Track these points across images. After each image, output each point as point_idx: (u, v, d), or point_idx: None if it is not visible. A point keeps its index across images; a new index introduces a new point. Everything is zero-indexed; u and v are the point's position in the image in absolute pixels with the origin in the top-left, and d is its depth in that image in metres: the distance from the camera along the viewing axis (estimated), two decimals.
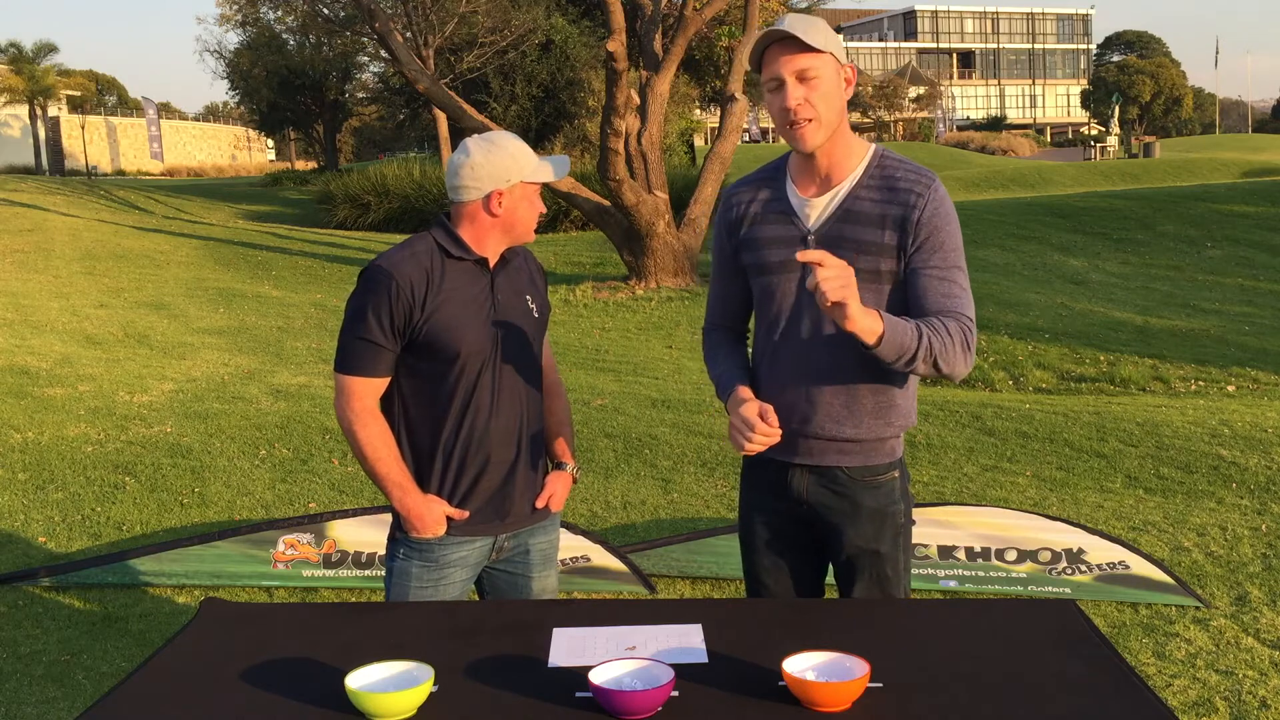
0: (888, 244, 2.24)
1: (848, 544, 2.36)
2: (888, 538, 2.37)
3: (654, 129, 13.14)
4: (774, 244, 2.34)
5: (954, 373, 2.20)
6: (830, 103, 2.22)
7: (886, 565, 2.38)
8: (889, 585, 2.38)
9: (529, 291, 2.58)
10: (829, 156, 2.29)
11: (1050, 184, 30.95)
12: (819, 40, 2.19)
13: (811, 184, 2.33)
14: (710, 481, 6.10)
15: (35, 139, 56.27)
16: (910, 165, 2.30)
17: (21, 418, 7.16)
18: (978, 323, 11.47)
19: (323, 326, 11.52)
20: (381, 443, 2.47)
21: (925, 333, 2.13)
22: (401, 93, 29.90)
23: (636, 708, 1.67)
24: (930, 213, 2.23)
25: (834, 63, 2.23)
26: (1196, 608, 4.30)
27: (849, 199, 2.28)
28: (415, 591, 2.51)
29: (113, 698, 1.83)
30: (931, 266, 2.23)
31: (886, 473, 2.36)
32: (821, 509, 2.38)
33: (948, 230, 2.24)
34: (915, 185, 2.25)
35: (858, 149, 2.32)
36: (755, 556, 2.50)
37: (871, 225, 2.25)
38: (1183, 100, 77.31)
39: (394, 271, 2.40)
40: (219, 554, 4.63)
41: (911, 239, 2.23)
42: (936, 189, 2.26)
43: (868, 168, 2.30)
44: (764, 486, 2.45)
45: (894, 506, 2.37)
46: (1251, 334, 11.60)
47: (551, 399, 2.73)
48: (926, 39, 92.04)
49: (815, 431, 2.32)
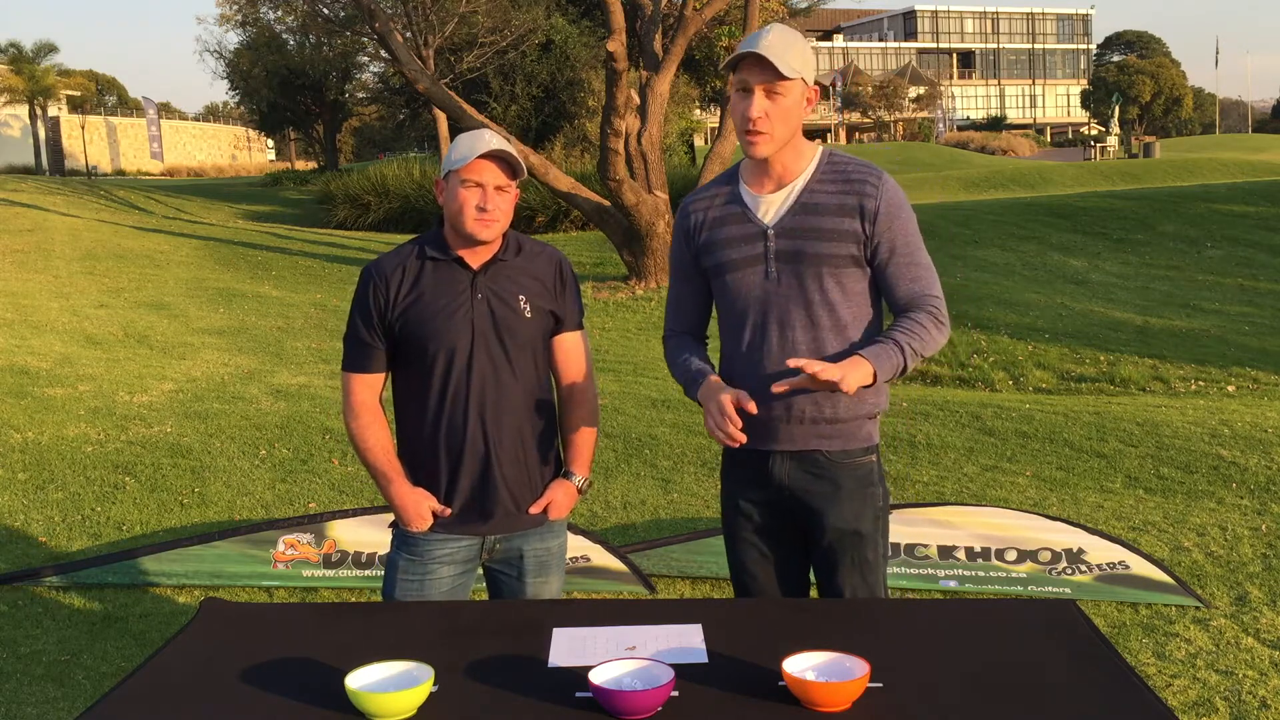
0: (848, 230, 2.37)
1: (829, 526, 2.42)
2: (868, 518, 2.43)
3: (654, 129, 13.14)
4: (733, 242, 2.45)
5: (936, 351, 2.39)
6: (789, 121, 2.36)
7: (867, 548, 2.43)
8: (869, 570, 2.44)
9: (525, 292, 2.54)
10: (780, 160, 2.43)
11: (1050, 184, 30.95)
12: (793, 66, 2.31)
13: (765, 183, 2.45)
14: (710, 481, 6.10)
15: (35, 139, 56.27)
16: (858, 161, 2.45)
17: (21, 418, 7.16)
18: (977, 322, 11.47)
19: (323, 326, 11.52)
20: (372, 435, 2.54)
21: (905, 345, 2.30)
22: (401, 93, 29.90)
23: (636, 708, 1.67)
24: (886, 202, 2.37)
25: (802, 85, 2.36)
26: (1196, 608, 4.29)
27: (805, 193, 2.41)
28: (401, 584, 2.55)
29: (113, 698, 1.83)
30: (896, 255, 2.39)
31: (865, 455, 2.44)
32: (802, 493, 2.44)
33: (903, 217, 2.39)
34: (868, 177, 2.39)
35: (807, 151, 2.46)
36: (740, 549, 2.54)
37: (830, 214, 2.38)
38: (1183, 100, 77.28)
39: (373, 270, 2.52)
40: (219, 554, 4.63)
41: (872, 228, 2.37)
42: (886, 180, 2.40)
43: (819, 165, 2.44)
44: (745, 478, 2.50)
45: (873, 488, 2.45)
46: (1251, 334, 11.60)
47: (570, 405, 2.67)
48: (926, 39, 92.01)
49: (796, 415, 2.39)
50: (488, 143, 2.42)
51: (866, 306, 2.42)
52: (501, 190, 2.46)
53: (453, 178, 2.46)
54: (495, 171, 2.44)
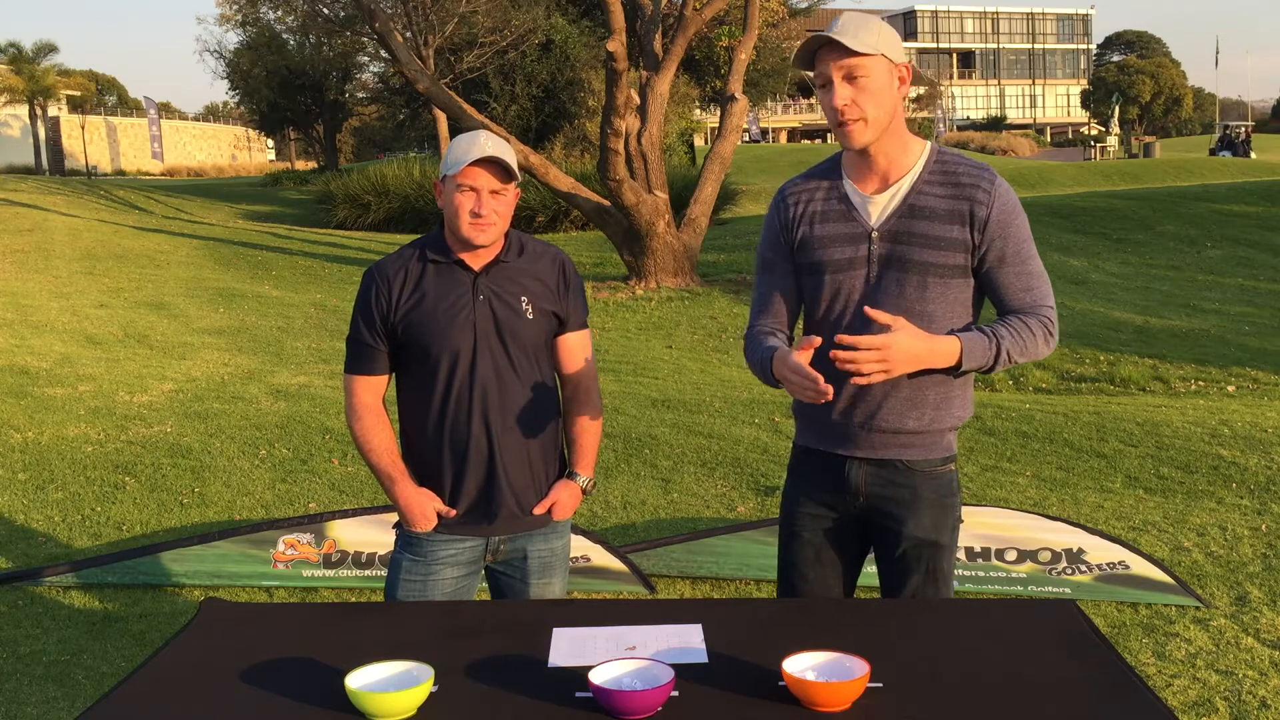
0: (957, 238, 2.24)
1: (906, 536, 2.34)
2: (947, 529, 2.35)
3: (654, 129, 13.14)
4: (835, 241, 2.32)
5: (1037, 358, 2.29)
6: (880, 102, 2.21)
7: (944, 558, 2.36)
8: (942, 580, 2.37)
9: (527, 293, 2.54)
10: (885, 154, 2.29)
11: (1050, 184, 30.94)
12: (867, 42, 2.17)
13: (870, 181, 2.32)
14: (710, 481, 6.10)
15: (35, 139, 56.27)
16: (969, 161, 2.31)
17: (21, 418, 7.16)
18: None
19: (323, 326, 11.52)
20: (375, 437, 2.54)
21: (1002, 344, 2.20)
22: (401, 93, 29.90)
23: (636, 708, 1.67)
24: (998, 209, 2.24)
25: (885, 63, 2.21)
26: (1196, 608, 4.29)
27: (912, 194, 2.28)
28: (404, 584, 2.55)
29: (113, 698, 1.83)
30: (1006, 264, 2.26)
31: (944, 465, 2.36)
32: (881, 500, 2.36)
33: (1016, 224, 2.26)
34: (980, 181, 2.26)
35: (914, 146, 2.31)
36: (796, 548, 2.45)
37: (939, 220, 2.25)
38: (1183, 100, 77.25)
39: (375, 272, 2.52)
40: (219, 554, 4.63)
41: (981, 236, 2.24)
42: (999, 184, 2.26)
43: (927, 163, 2.30)
44: (816, 479, 2.43)
45: (952, 499, 2.36)
46: (1251, 334, 11.60)
47: (575, 405, 2.67)
48: (926, 39, 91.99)
49: (879, 425, 2.31)
50: (482, 147, 2.41)
51: (966, 316, 2.32)
52: (497, 194, 2.45)
53: (449, 181, 2.46)
54: (489, 176, 2.43)
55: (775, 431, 6.99)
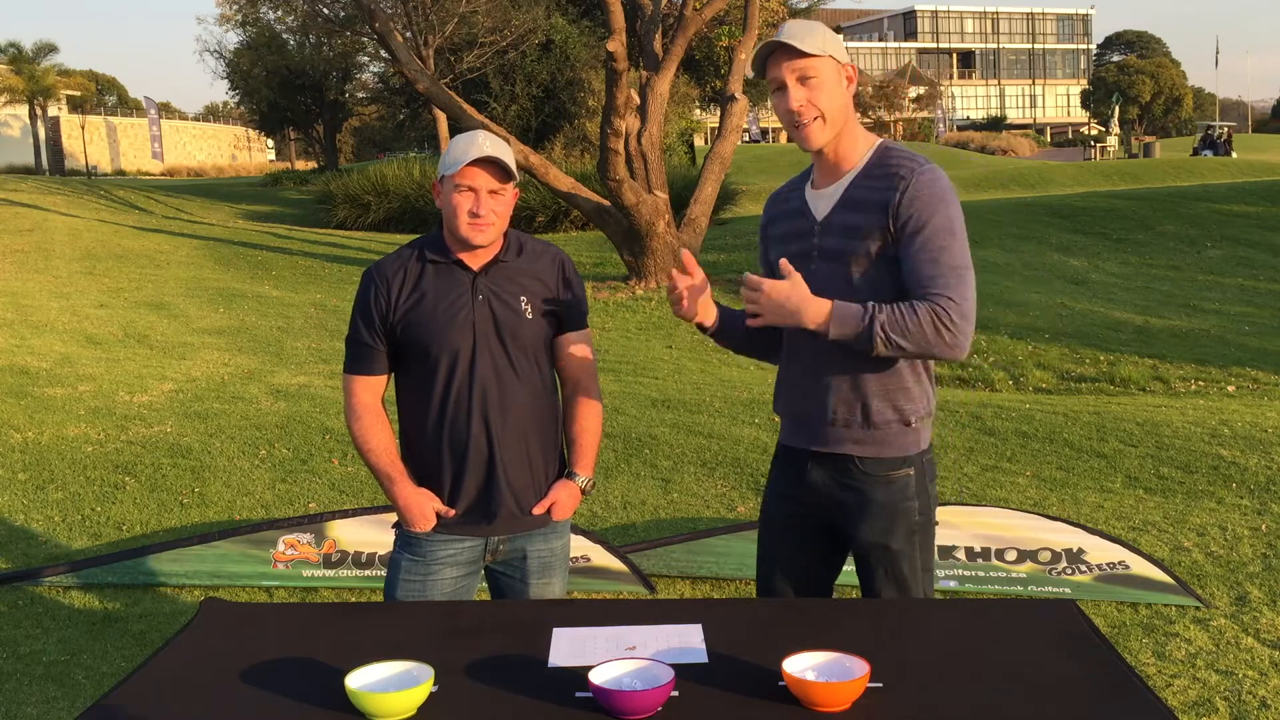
0: (875, 225, 2.29)
1: (858, 539, 2.38)
2: (900, 534, 2.35)
3: (654, 129, 13.14)
4: (788, 238, 2.44)
5: (936, 352, 2.24)
6: (833, 100, 2.30)
7: (902, 563, 2.36)
8: (905, 585, 2.37)
9: (526, 293, 2.54)
10: (836, 152, 2.38)
11: (1050, 184, 30.94)
12: (815, 45, 2.27)
13: (825, 179, 2.42)
14: (710, 481, 6.10)
15: (35, 139, 56.27)
16: (907, 154, 2.33)
17: (21, 418, 7.16)
18: (977, 322, 11.46)
19: (323, 326, 11.52)
20: (374, 437, 2.54)
21: (877, 318, 2.21)
22: (401, 93, 29.89)
23: (636, 708, 1.67)
24: (911, 195, 2.25)
25: (833, 63, 2.31)
26: (1196, 608, 4.29)
27: (850, 188, 2.35)
28: (403, 584, 2.55)
29: (113, 698, 1.83)
30: (915, 250, 2.26)
31: (901, 468, 2.36)
32: (835, 503, 2.41)
33: (930, 210, 2.25)
34: (901, 169, 2.29)
35: (864, 142, 2.38)
36: (769, 546, 2.51)
37: (862, 211, 2.32)
38: (1183, 100, 77.24)
39: (374, 272, 2.53)
40: (219, 554, 4.63)
41: (894, 221, 2.27)
42: (922, 173, 2.27)
43: (870, 158, 2.36)
44: (785, 475, 2.49)
45: (907, 503, 2.36)
46: (1251, 334, 11.60)
47: (574, 405, 2.66)
48: (926, 39, 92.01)
49: (831, 417, 2.37)
50: (479, 147, 2.41)
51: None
52: (495, 194, 2.45)
53: (447, 182, 2.46)
54: (487, 176, 2.43)
55: (775, 431, 6.99)
